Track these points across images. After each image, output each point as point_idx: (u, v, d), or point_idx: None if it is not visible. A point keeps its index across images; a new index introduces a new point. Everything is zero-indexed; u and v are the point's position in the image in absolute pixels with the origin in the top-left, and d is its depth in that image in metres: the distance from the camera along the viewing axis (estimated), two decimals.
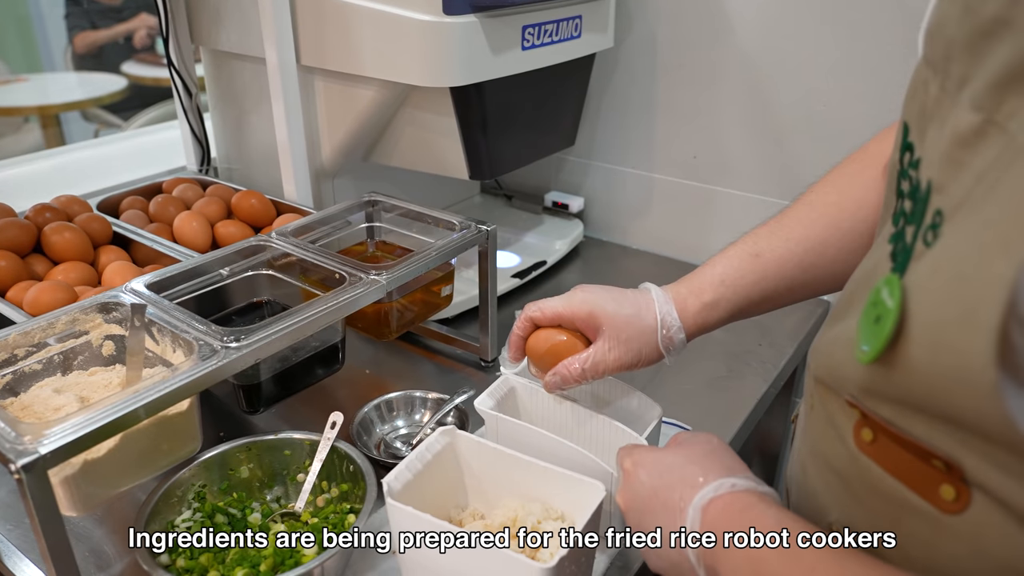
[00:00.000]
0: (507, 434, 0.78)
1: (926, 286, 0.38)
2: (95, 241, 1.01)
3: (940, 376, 0.37)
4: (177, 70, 1.25)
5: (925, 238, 0.40)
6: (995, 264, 0.33)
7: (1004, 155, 0.35)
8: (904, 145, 0.46)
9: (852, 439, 0.48)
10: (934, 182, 0.40)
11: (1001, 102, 0.35)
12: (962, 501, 0.40)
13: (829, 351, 0.51)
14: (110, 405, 0.63)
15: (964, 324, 0.35)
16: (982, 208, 0.35)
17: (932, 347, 0.37)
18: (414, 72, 0.99)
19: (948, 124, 0.39)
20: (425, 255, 0.90)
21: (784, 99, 1.18)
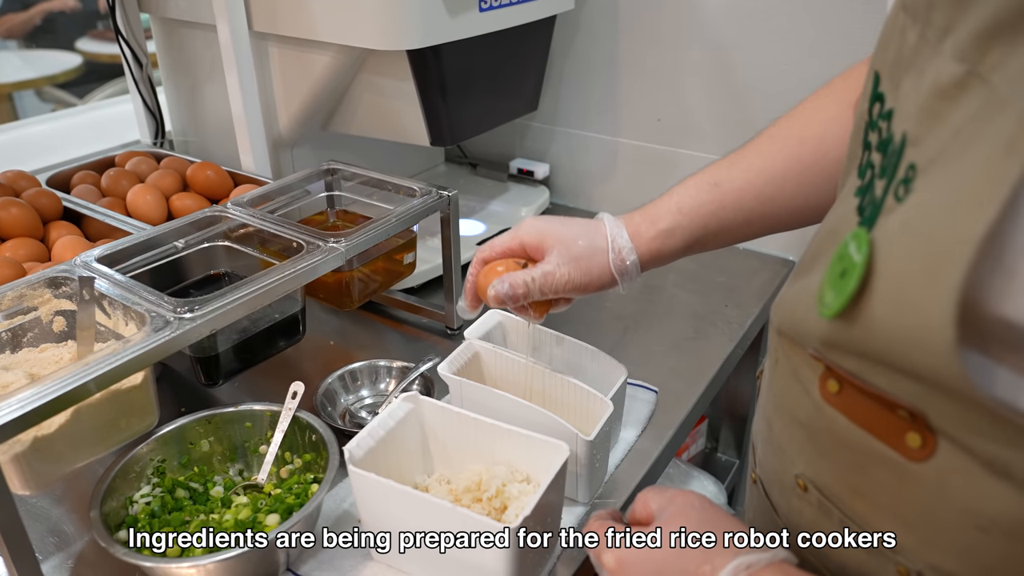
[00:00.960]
0: (471, 399, 0.77)
1: (894, 242, 0.37)
2: (44, 217, 0.98)
3: (900, 333, 0.37)
4: (126, 40, 1.21)
5: (896, 192, 0.39)
6: (965, 222, 0.33)
7: (984, 109, 0.33)
8: (874, 95, 0.44)
9: (817, 391, 0.47)
10: (909, 135, 0.39)
11: (985, 53, 0.34)
12: (928, 448, 0.40)
13: (792, 305, 0.50)
14: (58, 379, 0.61)
15: (926, 282, 0.34)
16: (956, 163, 0.34)
17: (895, 304, 0.37)
18: (369, 35, 0.97)
19: (928, 75, 0.38)
20: (385, 222, 0.88)
21: (746, 58, 1.18)
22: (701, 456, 1.42)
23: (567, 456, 0.66)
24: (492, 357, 0.81)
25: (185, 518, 0.70)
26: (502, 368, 0.81)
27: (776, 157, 0.67)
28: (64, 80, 2.93)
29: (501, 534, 0.59)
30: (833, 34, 1.09)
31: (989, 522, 0.38)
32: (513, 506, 0.67)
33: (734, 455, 1.42)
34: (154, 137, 1.29)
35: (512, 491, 0.68)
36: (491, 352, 0.81)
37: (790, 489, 0.53)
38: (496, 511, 0.68)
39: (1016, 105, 0.32)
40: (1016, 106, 0.32)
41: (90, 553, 0.72)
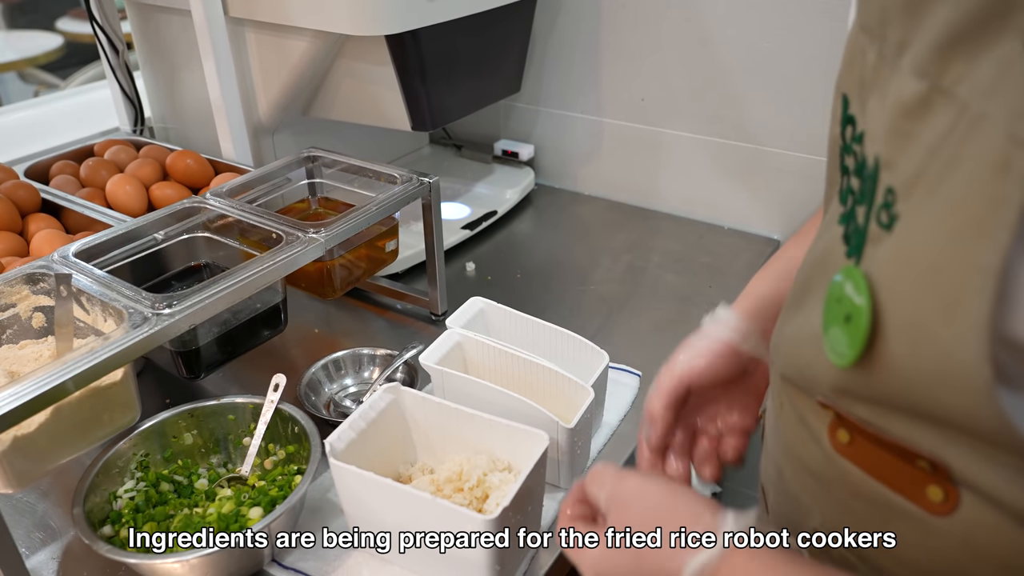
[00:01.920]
0: (454, 388, 0.77)
1: (896, 277, 0.36)
2: (22, 210, 0.97)
3: (924, 375, 0.35)
4: (101, 26, 1.19)
5: (879, 219, 0.37)
6: (973, 251, 0.31)
7: (959, 126, 0.32)
8: (844, 118, 0.43)
9: (828, 440, 0.44)
10: (882, 158, 0.37)
11: (946, 66, 0.32)
12: (951, 502, 0.38)
13: (794, 349, 0.47)
14: (36, 379, 0.61)
15: (947, 319, 0.32)
16: (944, 187, 0.33)
17: (913, 345, 0.35)
18: (346, 20, 0.96)
19: (890, 94, 0.36)
20: (365, 210, 0.88)
21: (728, 37, 1.17)
22: None
23: (547, 445, 0.67)
24: (474, 346, 0.81)
25: (169, 512, 0.71)
26: (484, 357, 0.81)
27: None
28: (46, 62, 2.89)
29: (481, 526, 0.60)
30: (814, 12, 1.08)
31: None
32: (494, 495, 0.68)
33: None
34: (133, 124, 1.27)
35: (493, 480, 0.69)
36: (473, 341, 0.81)
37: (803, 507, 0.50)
38: (478, 500, 0.68)
39: (998, 119, 0.30)
40: (999, 120, 0.30)
41: (77, 548, 0.73)
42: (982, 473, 0.36)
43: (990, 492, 0.36)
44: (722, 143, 1.24)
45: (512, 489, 0.62)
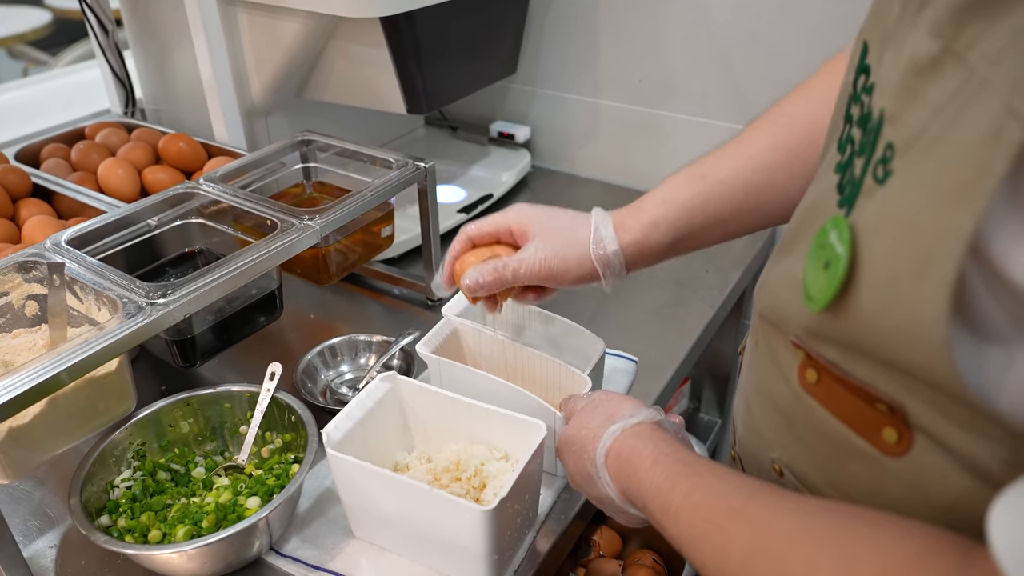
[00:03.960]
0: (450, 377, 0.77)
1: (878, 231, 0.36)
2: (13, 195, 0.96)
3: (889, 327, 0.36)
4: (90, 6, 1.17)
5: (875, 173, 0.37)
6: (952, 214, 0.32)
7: (964, 90, 0.32)
8: (860, 67, 0.43)
9: (796, 379, 0.47)
10: (887, 112, 0.37)
11: (961, 29, 0.32)
12: (904, 444, 0.40)
13: (775, 290, 0.49)
14: (31, 370, 0.61)
15: (917, 277, 0.33)
16: (938, 148, 0.33)
17: (883, 298, 0.36)
18: (339, 1, 0.94)
19: (906, 49, 0.36)
20: (360, 196, 0.87)
21: (726, 18, 1.15)
22: (684, 417, 1.44)
23: (544, 434, 0.67)
24: (470, 334, 0.81)
25: (167, 501, 0.71)
26: (480, 345, 0.81)
27: (766, 144, 0.64)
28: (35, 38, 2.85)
29: (479, 516, 0.60)
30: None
31: (962, 520, 0.38)
32: (492, 484, 0.68)
33: (716, 415, 1.44)
34: (124, 106, 1.26)
35: (491, 469, 0.69)
36: (469, 329, 0.81)
37: (767, 472, 0.53)
38: (475, 489, 0.68)
39: (999, 88, 0.30)
40: (999, 89, 0.30)
41: (74, 536, 0.73)
42: (936, 420, 0.38)
43: (941, 438, 0.38)
44: (719, 125, 1.23)
45: (510, 479, 0.62)
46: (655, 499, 0.51)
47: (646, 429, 0.56)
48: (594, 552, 1.01)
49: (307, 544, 0.71)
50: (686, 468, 0.50)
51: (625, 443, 0.55)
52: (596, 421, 0.59)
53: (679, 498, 0.48)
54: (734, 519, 0.44)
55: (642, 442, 0.55)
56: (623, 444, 0.56)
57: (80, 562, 0.70)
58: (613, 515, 0.60)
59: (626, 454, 0.55)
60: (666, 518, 0.49)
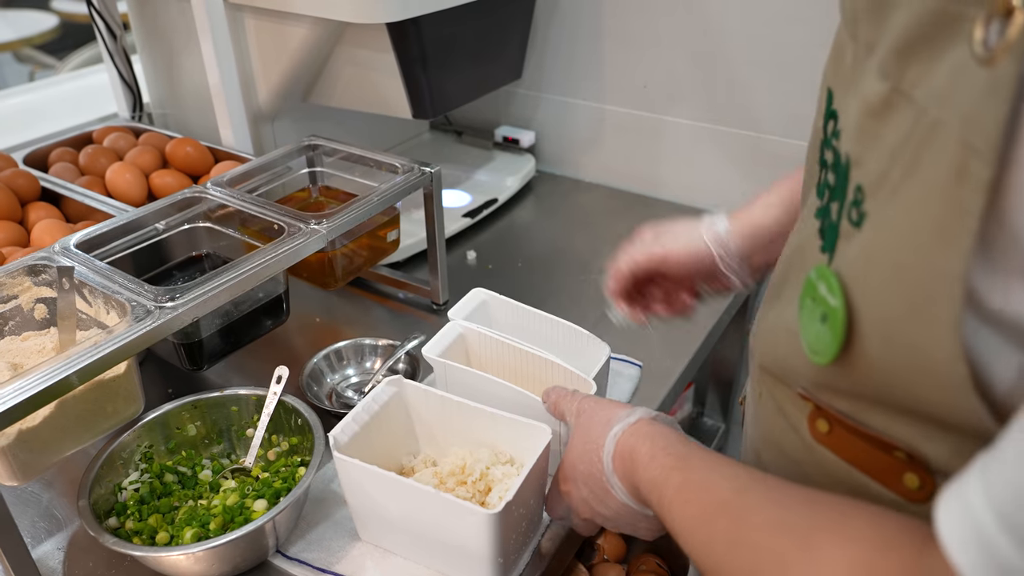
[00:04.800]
0: (457, 380, 0.77)
1: (865, 276, 0.36)
2: (22, 198, 0.97)
3: (900, 370, 0.36)
4: (98, 11, 1.18)
5: (850, 216, 0.38)
6: (938, 255, 0.31)
7: (917, 130, 0.32)
8: (828, 112, 0.44)
9: (807, 430, 0.46)
10: (852, 156, 0.38)
11: (905, 69, 0.33)
12: (927, 489, 0.39)
13: (772, 341, 0.49)
14: (40, 373, 0.61)
15: (916, 319, 0.33)
16: (906, 189, 0.33)
17: (886, 342, 0.36)
18: (347, 7, 0.95)
19: (860, 93, 0.37)
20: (366, 201, 0.88)
21: (731, 25, 1.16)
22: (688, 421, 1.44)
23: (550, 439, 0.67)
24: (476, 338, 0.81)
25: (174, 503, 0.71)
26: (487, 349, 0.81)
27: None
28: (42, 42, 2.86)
29: (484, 520, 0.60)
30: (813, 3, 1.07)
31: None
32: (497, 488, 0.68)
33: (720, 419, 1.44)
34: (132, 110, 1.27)
35: (496, 473, 0.69)
36: (475, 333, 0.81)
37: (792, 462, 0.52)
38: (480, 493, 0.69)
39: (952, 126, 0.30)
40: (953, 127, 0.30)
41: (82, 538, 0.73)
42: (957, 463, 0.37)
43: None
44: (724, 131, 1.24)
45: (515, 483, 0.63)
46: (652, 493, 0.52)
47: (643, 426, 0.56)
48: (598, 556, 1.01)
49: (313, 546, 0.71)
50: (679, 462, 0.51)
51: (626, 443, 0.56)
52: (596, 431, 0.59)
53: (672, 491, 0.49)
54: (720, 512, 0.45)
55: (640, 439, 0.55)
56: (624, 445, 0.56)
57: (88, 564, 0.71)
58: (632, 530, 0.59)
59: (628, 453, 0.55)
60: (662, 510, 0.50)
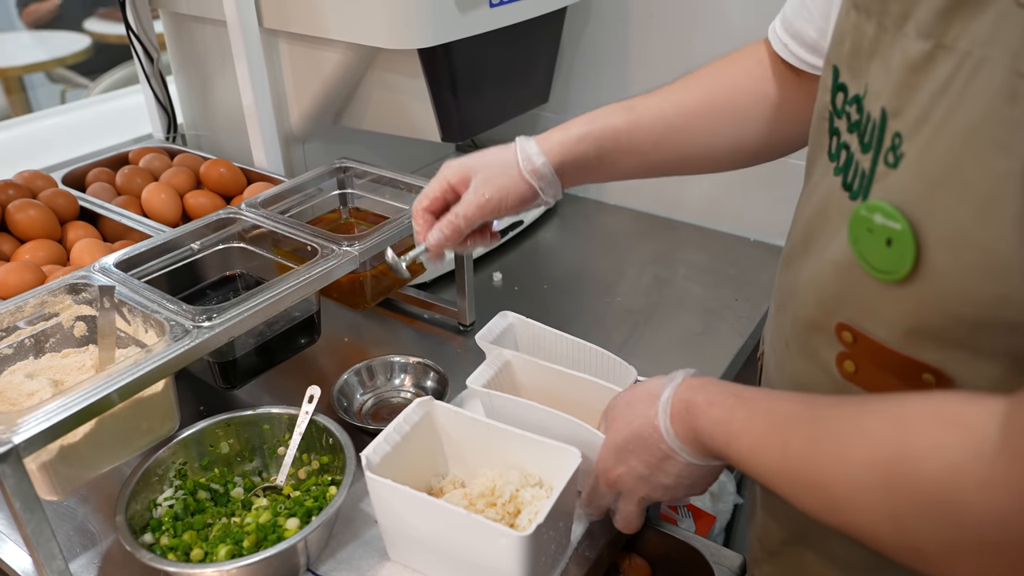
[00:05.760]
0: (500, 408, 0.77)
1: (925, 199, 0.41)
2: (61, 217, 0.99)
3: (964, 273, 0.40)
4: (136, 35, 1.21)
5: (886, 159, 0.43)
6: (997, 164, 0.37)
7: (962, 70, 0.38)
8: (835, 86, 0.50)
9: (836, 370, 0.52)
10: (889, 108, 0.44)
11: (948, 27, 0.39)
12: None
13: (818, 282, 0.53)
14: (83, 390, 0.63)
15: (983, 221, 0.39)
16: (955, 118, 0.39)
17: (954, 249, 0.41)
18: (380, 34, 0.97)
19: (895, 56, 0.43)
20: (397, 223, 0.89)
21: None
22: None
23: (579, 462, 0.68)
24: (518, 364, 0.81)
25: (208, 520, 0.72)
26: (527, 374, 0.82)
27: (691, 95, 0.73)
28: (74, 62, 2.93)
29: (515, 542, 0.61)
30: None
31: None
32: (526, 510, 0.69)
33: None
34: (166, 131, 1.29)
35: (525, 495, 0.70)
36: (519, 359, 0.81)
37: None
38: (510, 515, 0.69)
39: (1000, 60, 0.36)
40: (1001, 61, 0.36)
41: (116, 552, 0.74)
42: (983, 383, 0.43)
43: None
44: None
45: (546, 506, 0.63)
46: (717, 433, 0.55)
47: (692, 381, 0.59)
48: None
49: (343, 566, 0.72)
50: (739, 399, 0.54)
51: (680, 401, 0.59)
52: (640, 408, 0.62)
53: (738, 424, 0.53)
54: (792, 422, 0.49)
55: (692, 392, 0.58)
56: (678, 404, 0.59)
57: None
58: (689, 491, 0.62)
59: (684, 409, 0.58)
60: (730, 447, 0.53)
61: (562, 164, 0.73)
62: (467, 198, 0.73)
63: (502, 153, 0.74)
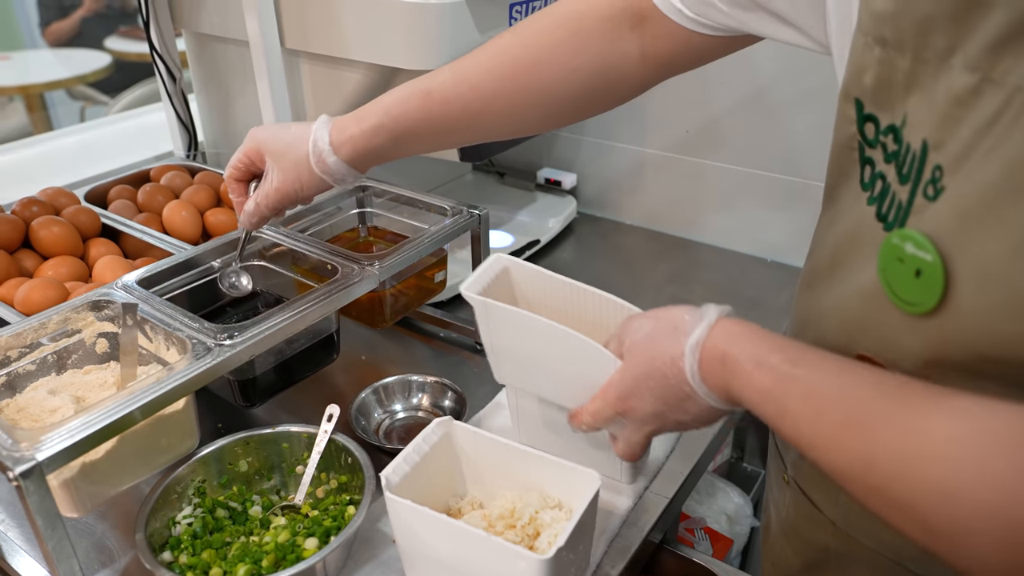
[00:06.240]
0: (499, 321, 0.71)
1: (960, 231, 0.41)
2: (84, 234, 1.00)
3: (989, 310, 0.40)
4: (160, 55, 1.22)
5: (926, 192, 0.43)
6: None
7: (1011, 105, 0.38)
8: (862, 117, 0.49)
9: None
10: (930, 141, 0.43)
11: (997, 62, 0.39)
12: None
13: (843, 313, 0.52)
14: (106, 407, 0.63)
15: (1014, 258, 0.38)
16: (998, 153, 0.39)
17: (982, 283, 0.40)
18: (400, 55, 0.98)
19: (939, 89, 0.42)
20: (417, 243, 0.89)
21: (773, 70, 1.17)
22: (727, 466, 1.42)
23: (599, 486, 0.67)
24: (521, 273, 0.75)
25: (226, 539, 0.72)
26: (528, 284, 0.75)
27: (490, 75, 0.70)
28: (95, 79, 2.97)
29: (535, 565, 0.60)
30: None
31: None
32: (546, 533, 0.68)
33: (759, 465, 1.42)
34: (187, 149, 1.31)
35: (545, 518, 0.69)
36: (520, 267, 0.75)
37: (836, 487, 0.55)
38: (529, 537, 0.69)
39: None
40: None
41: (135, 570, 0.74)
42: None
43: None
44: (766, 176, 1.24)
45: (567, 528, 0.63)
46: (767, 404, 0.49)
47: (730, 327, 0.53)
48: None
49: None
50: (795, 368, 0.48)
51: (714, 349, 0.53)
52: (663, 344, 0.56)
53: (796, 402, 0.47)
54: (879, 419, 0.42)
55: (730, 343, 0.52)
56: (712, 351, 0.53)
57: None
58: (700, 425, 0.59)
59: (719, 359, 0.52)
60: (784, 423, 0.48)
61: (355, 157, 0.73)
62: (265, 185, 0.76)
63: (297, 143, 0.74)
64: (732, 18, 0.63)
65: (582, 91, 0.71)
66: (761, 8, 0.61)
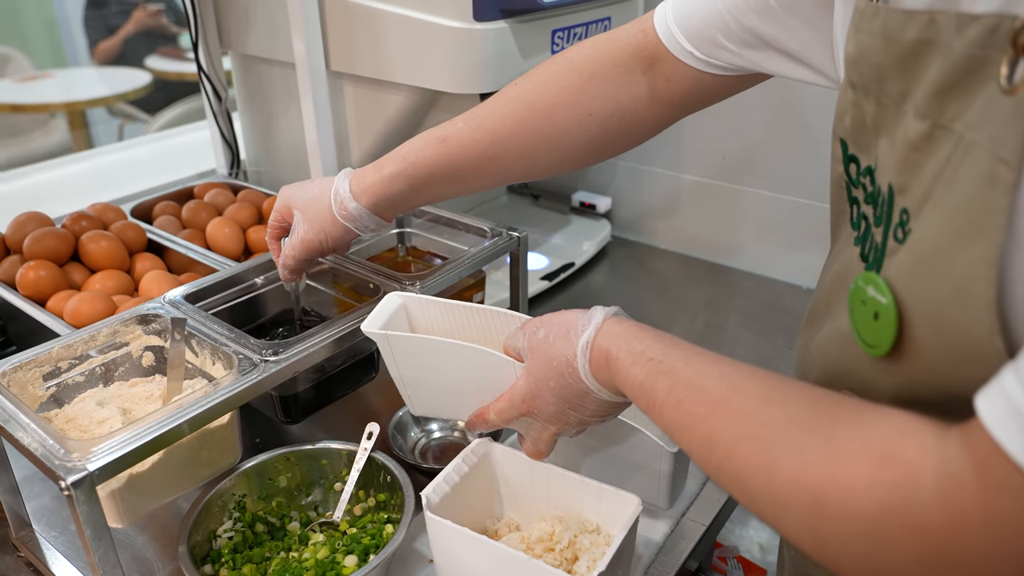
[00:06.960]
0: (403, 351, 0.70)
1: (913, 276, 0.41)
2: (130, 248, 1.02)
3: (945, 352, 0.39)
4: (207, 74, 1.25)
5: (896, 235, 0.43)
6: (975, 248, 0.37)
7: (956, 151, 0.38)
8: (847, 157, 0.50)
9: None
10: (895, 185, 0.43)
11: (943, 108, 0.39)
12: None
13: (825, 348, 0.52)
14: (154, 421, 0.64)
15: (959, 304, 0.38)
16: (945, 200, 0.39)
17: (934, 329, 0.40)
18: (444, 79, 0.99)
19: (898, 133, 0.43)
20: (458, 264, 0.90)
21: (811, 96, 1.17)
22: None
23: (639, 509, 0.67)
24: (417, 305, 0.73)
25: (266, 554, 0.73)
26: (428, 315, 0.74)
27: (505, 120, 0.72)
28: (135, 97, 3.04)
29: None
30: None
31: None
32: (584, 557, 0.68)
33: None
34: (230, 167, 1.33)
35: (583, 542, 0.69)
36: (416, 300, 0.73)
37: None
38: (567, 561, 0.68)
39: (984, 144, 0.36)
40: (985, 145, 0.36)
41: None
42: None
43: None
44: (803, 203, 1.24)
45: (608, 553, 0.62)
46: (640, 397, 0.54)
47: (612, 326, 0.58)
48: None
49: None
50: (662, 366, 0.53)
51: (599, 348, 0.57)
52: (559, 346, 0.60)
53: (662, 394, 0.52)
54: (718, 410, 0.48)
55: (611, 341, 0.57)
56: (598, 351, 0.57)
57: None
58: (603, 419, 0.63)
59: (603, 358, 0.57)
60: (652, 412, 0.53)
61: (376, 204, 0.75)
62: (292, 238, 0.79)
63: (321, 195, 0.77)
64: (742, 58, 0.63)
65: (597, 134, 0.72)
66: (771, 47, 0.61)
